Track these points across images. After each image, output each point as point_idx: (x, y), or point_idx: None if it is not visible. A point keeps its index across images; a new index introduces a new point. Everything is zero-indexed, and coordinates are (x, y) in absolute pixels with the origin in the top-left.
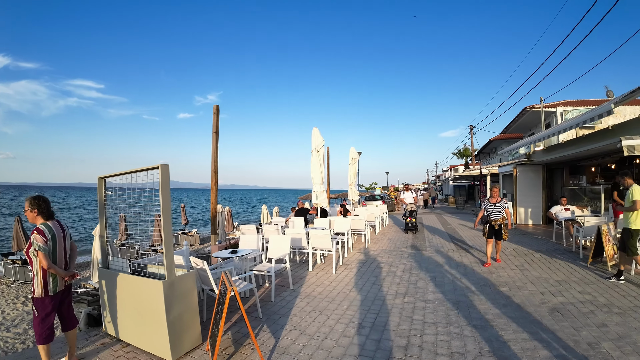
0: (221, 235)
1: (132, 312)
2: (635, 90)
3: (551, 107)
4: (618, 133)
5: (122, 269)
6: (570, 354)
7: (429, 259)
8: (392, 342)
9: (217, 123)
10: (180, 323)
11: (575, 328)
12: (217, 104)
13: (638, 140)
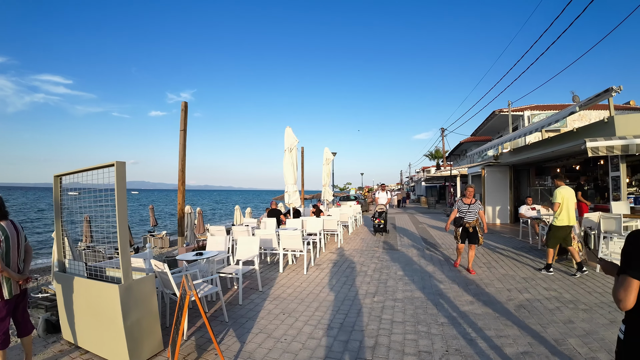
0: (190, 237)
1: (90, 318)
2: (599, 95)
3: (519, 111)
4: (583, 135)
5: (79, 273)
6: (537, 351)
7: (399, 258)
8: (360, 342)
9: (185, 120)
10: (139, 329)
11: (542, 324)
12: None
13: (602, 142)
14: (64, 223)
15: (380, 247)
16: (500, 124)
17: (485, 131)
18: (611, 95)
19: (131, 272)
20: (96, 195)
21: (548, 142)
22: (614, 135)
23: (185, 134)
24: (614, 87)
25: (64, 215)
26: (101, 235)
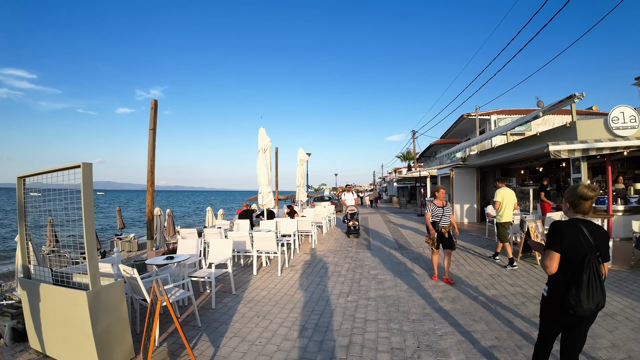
0: (160, 241)
1: (58, 326)
2: (562, 101)
3: (486, 115)
4: (546, 139)
5: (44, 279)
6: (505, 344)
7: (372, 257)
8: (334, 342)
9: (154, 119)
10: (108, 336)
11: (509, 319)
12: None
13: (564, 146)
14: (28, 227)
15: (354, 247)
16: (469, 127)
17: (454, 134)
18: (574, 102)
19: (99, 277)
20: (61, 197)
21: (513, 145)
22: (575, 139)
23: (154, 133)
24: (577, 94)
25: (29, 218)
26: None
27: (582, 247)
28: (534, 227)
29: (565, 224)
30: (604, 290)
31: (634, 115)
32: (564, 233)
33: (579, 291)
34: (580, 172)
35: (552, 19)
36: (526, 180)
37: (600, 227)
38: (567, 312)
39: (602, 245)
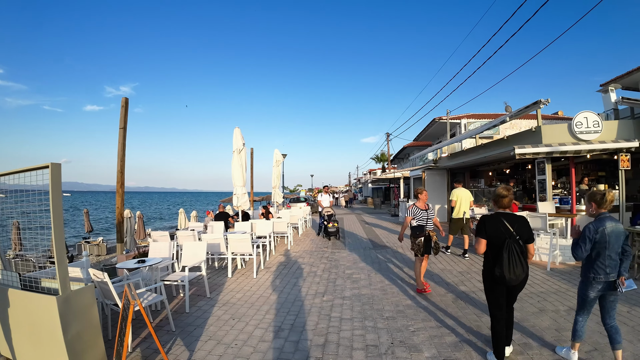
0: (130, 244)
1: (27, 333)
2: (528, 106)
3: (457, 119)
4: (512, 142)
5: (12, 284)
6: (474, 338)
7: (347, 257)
8: (310, 341)
9: (125, 118)
10: (80, 342)
11: (477, 314)
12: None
13: (529, 149)
14: None
15: (330, 248)
16: (440, 130)
17: (426, 137)
18: (539, 107)
19: (69, 282)
20: (28, 198)
21: (481, 148)
22: (540, 142)
23: (125, 132)
24: (542, 100)
25: None
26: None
27: (501, 233)
28: None
29: (488, 217)
30: (524, 266)
31: (597, 121)
32: (487, 224)
33: (502, 266)
34: (544, 174)
35: (520, 28)
36: (494, 181)
37: (519, 216)
38: (497, 281)
39: (522, 230)
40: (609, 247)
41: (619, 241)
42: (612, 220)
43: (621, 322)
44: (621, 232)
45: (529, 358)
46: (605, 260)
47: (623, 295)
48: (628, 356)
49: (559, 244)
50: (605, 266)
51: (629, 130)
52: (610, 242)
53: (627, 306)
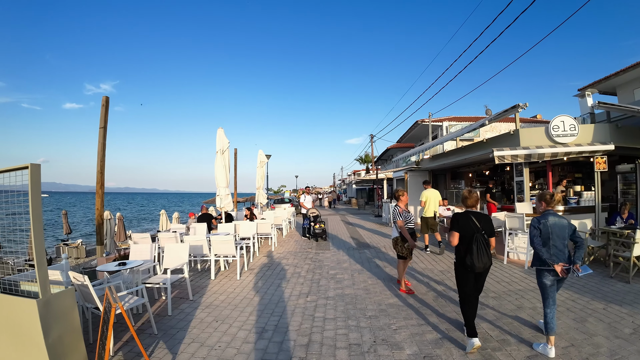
0: (110, 246)
1: (7, 336)
2: (507, 110)
3: (438, 121)
4: (491, 145)
5: None
6: (454, 335)
7: (331, 258)
8: (294, 342)
9: (105, 117)
10: (61, 346)
11: (457, 312)
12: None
13: (507, 152)
14: None
15: (314, 249)
16: (423, 132)
17: (409, 139)
18: (517, 111)
19: (49, 285)
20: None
21: (462, 150)
22: (518, 145)
23: (105, 132)
24: (520, 104)
25: None
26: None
27: (470, 228)
28: None
29: (459, 215)
30: (489, 255)
31: (573, 124)
32: (459, 220)
33: (472, 256)
34: (522, 176)
35: (499, 35)
36: (474, 182)
37: (484, 214)
38: (469, 269)
39: (486, 226)
40: (552, 237)
41: (563, 233)
42: (555, 215)
43: (597, 318)
44: (565, 225)
45: (508, 354)
46: (551, 249)
47: (600, 292)
48: (605, 352)
49: None
50: (551, 254)
51: (605, 133)
52: (553, 233)
53: (604, 303)
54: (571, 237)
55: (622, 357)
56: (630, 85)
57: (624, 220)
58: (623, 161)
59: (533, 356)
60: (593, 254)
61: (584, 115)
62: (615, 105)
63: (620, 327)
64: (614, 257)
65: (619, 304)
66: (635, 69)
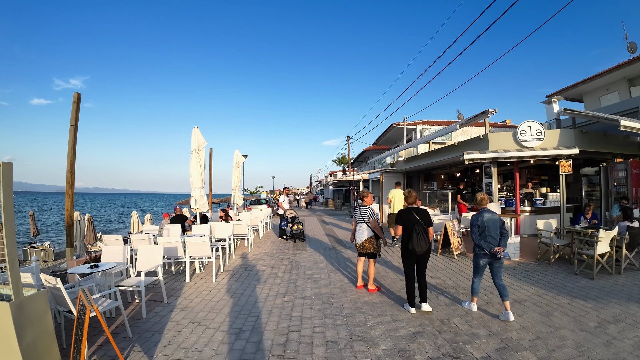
0: (80, 249)
1: None
2: (477, 115)
3: (413, 125)
4: (462, 148)
5: None
6: (427, 330)
7: (308, 258)
8: (272, 341)
9: (76, 114)
10: (35, 351)
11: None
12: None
13: (476, 154)
14: None
15: (290, 249)
16: (398, 135)
17: (385, 141)
18: (487, 116)
19: (21, 288)
20: None
21: (434, 152)
22: (487, 149)
23: (76, 130)
24: (490, 110)
25: None
26: None
27: (411, 221)
28: (451, 226)
29: (403, 211)
30: (427, 241)
31: (539, 129)
32: (402, 216)
33: (412, 242)
34: (491, 178)
35: (472, 43)
36: (446, 184)
37: (423, 209)
38: (411, 252)
39: (424, 219)
40: (487, 230)
41: (496, 226)
42: (488, 212)
43: (563, 312)
44: (496, 219)
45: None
46: (487, 238)
47: (565, 288)
48: (570, 344)
49: None
50: (488, 243)
51: (570, 138)
52: (487, 227)
53: (569, 298)
54: (500, 228)
55: (587, 349)
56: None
57: (588, 220)
58: (588, 164)
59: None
60: (558, 252)
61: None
62: (580, 111)
63: (585, 321)
64: (578, 255)
65: (583, 299)
66: (601, 77)
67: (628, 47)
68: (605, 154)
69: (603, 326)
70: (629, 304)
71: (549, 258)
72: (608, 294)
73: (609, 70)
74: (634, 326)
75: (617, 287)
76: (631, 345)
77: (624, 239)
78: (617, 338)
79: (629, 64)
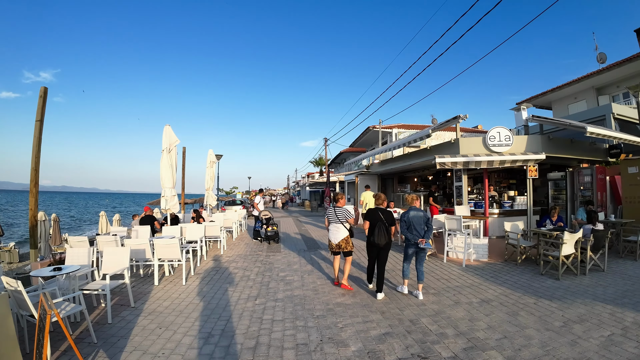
0: (45, 250)
1: None
2: (449, 120)
3: (389, 128)
4: (434, 152)
5: None
6: (396, 331)
7: (282, 260)
8: (241, 345)
9: (42, 109)
10: None
11: (400, 308)
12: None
13: (448, 158)
14: None
15: (264, 251)
16: (374, 138)
17: (361, 143)
18: (458, 121)
19: None
20: None
21: (408, 156)
22: (458, 153)
23: (41, 125)
24: (461, 115)
25: None
26: None
27: (376, 219)
28: None
29: (371, 210)
30: (386, 237)
31: (508, 135)
32: (369, 214)
33: (374, 236)
34: (461, 181)
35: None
36: (419, 187)
37: (388, 210)
38: (373, 244)
39: (387, 218)
40: (413, 225)
41: (420, 222)
42: (415, 210)
43: (529, 312)
44: (420, 216)
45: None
46: (412, 231)
47: (531, 288)
48: (536, 343)
49: (473, 243)
50: (413, 235)
51: (537, 144)
52: (412, 222)
53: (534, 298)
54: (426, 223)
55: (553, 348)
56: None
57: (554, 222)
58: (554, 169)
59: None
60: (525, 253)
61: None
62: (547, 118)
63: (551, 320)
64: (544, 256)
65: (549, 299)
66: (570, 85)
67: (598, 57)
68: (571, 159)
69: (568, 326)
70: (594, 304)
71: (516, 259)
72: (573, 294)
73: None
74: (598, 326)
75: (582, 287)
76: (596, 344)
77: (589, 241)
78: (582, 337)
79: (597, 74)
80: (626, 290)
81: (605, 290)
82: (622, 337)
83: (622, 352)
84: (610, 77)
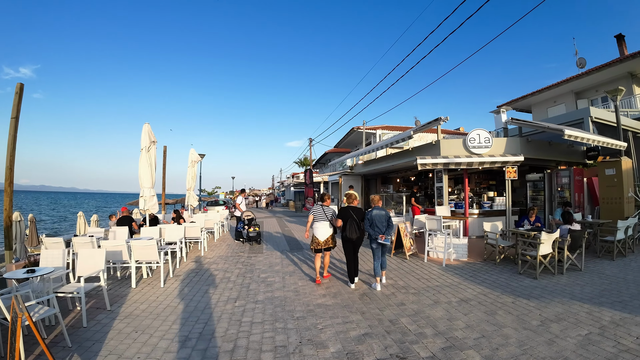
0: (20, 252)
1: None
2: (430, 122)
3: (373, 129)
4: (416, 153)
5: None
6: (376, 331)
7: (263, 261)
8: (219, 348)
9: (18, 106)
10: None
11: (380, 308)
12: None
13: (429, 160)
14: None
15: (246, 252)
16: (358, 138)
17: (346, 144)
18: (439, 123)
19: None
20: None
21: (391, 157)
22: (439, 154)
23: (17, 123)
24: (442, 117)
25: None
26: None
27: (347, 216)
28: (404, 227)
29: (343, 209)
30: (357, 232)
31: (487, 137)
32: (341, 212)
33: (347, 231)
34: (442, 182)
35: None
36: (401, 187)
37: (359, 208)
38: (346, 240)
39: (358, 215)
40: (375, 222)
41: (382, 220)
42: (378, 209)
43: (507, 311)
44: (382, 215)
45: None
46: (374, 228)
47: (509, 287)
48: (513, 342)
49: (453, 242)
50: (374, 231)
51: (516, 146)
52: (374, 220)
53: (512, 297)
54: (387, 221)
55: (530, 347)
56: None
57: (531, 223)
58: (533, 171)
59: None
60: (503, 252)
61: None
62: (526, 121)
63: (528, 319)
64: (522, 256)
65: (526, 298)
66: (550, 89)
67: (577, 62)
68: (549, 161)
69: (546, 325)
70: (571, 303)
71: (494, 258)
72: (551, 293)
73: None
74: (576, 325)
75: (560, 286)
76: (573, 343)
77: (566, 241)
78: (560, 336)
79: (577, 78)
80: (603, 289)
81: (583, 290)
82: (600, 336)
83: (599, 351)
84: (589, 82)
